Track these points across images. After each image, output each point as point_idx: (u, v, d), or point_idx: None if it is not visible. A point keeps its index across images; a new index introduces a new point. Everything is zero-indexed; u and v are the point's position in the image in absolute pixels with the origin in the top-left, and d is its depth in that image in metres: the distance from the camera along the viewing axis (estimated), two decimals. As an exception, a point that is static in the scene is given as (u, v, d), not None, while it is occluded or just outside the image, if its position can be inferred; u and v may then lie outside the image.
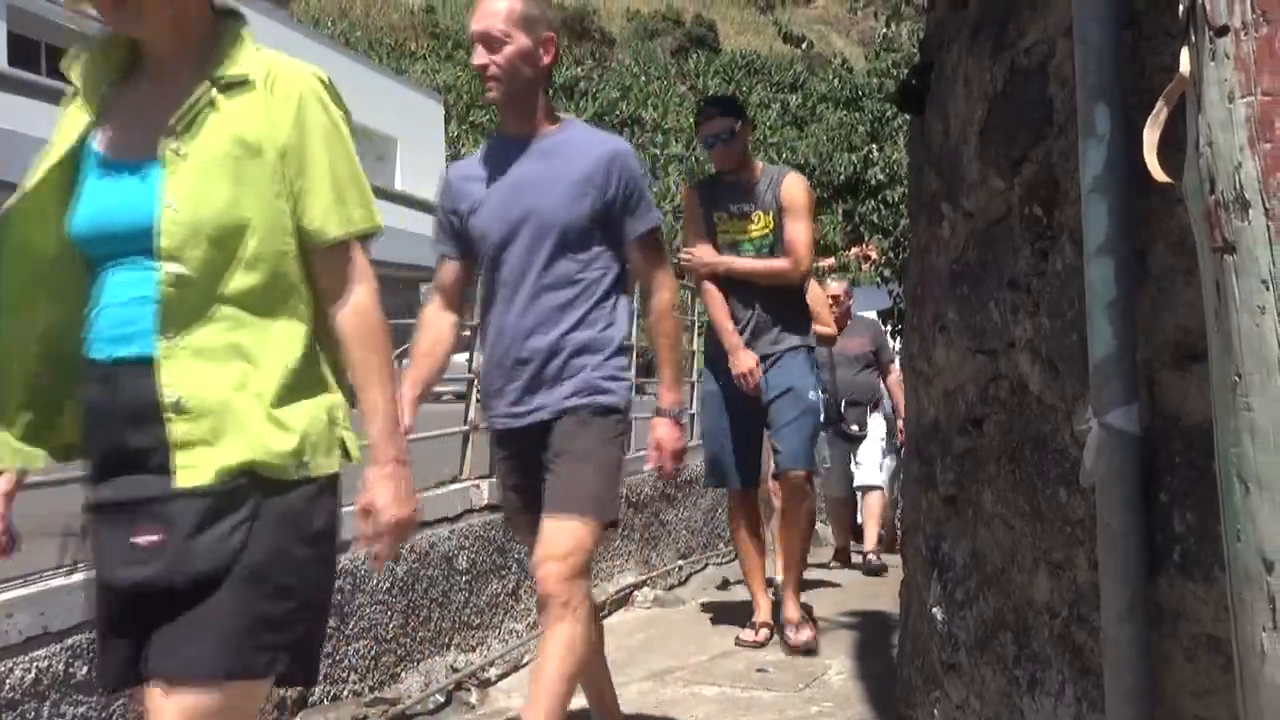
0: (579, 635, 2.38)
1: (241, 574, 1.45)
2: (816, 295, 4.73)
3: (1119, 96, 1.37)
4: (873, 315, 7.60)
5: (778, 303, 4.05)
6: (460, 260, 2.65)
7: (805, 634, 4.00)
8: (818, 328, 4.44)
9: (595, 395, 2.47)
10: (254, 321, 1.51)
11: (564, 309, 2.50)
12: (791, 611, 4.07)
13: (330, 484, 1.56)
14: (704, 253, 4.09)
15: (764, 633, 4.13)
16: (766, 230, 4.05)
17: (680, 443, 2.63)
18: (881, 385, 6.36)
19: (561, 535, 2.38)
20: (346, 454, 1.60)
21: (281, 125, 1.52)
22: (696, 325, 6.22)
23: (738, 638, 4.14)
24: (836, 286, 6.29)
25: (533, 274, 2.50)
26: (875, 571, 5.74)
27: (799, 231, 4.03)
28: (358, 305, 1.58)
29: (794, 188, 4.07)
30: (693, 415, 5.49)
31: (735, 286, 4.05)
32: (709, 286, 4.08)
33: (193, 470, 1.45)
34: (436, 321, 2.66)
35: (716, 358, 4.08)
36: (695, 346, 6.08)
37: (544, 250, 2.49)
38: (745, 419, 4.06)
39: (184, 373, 1.47)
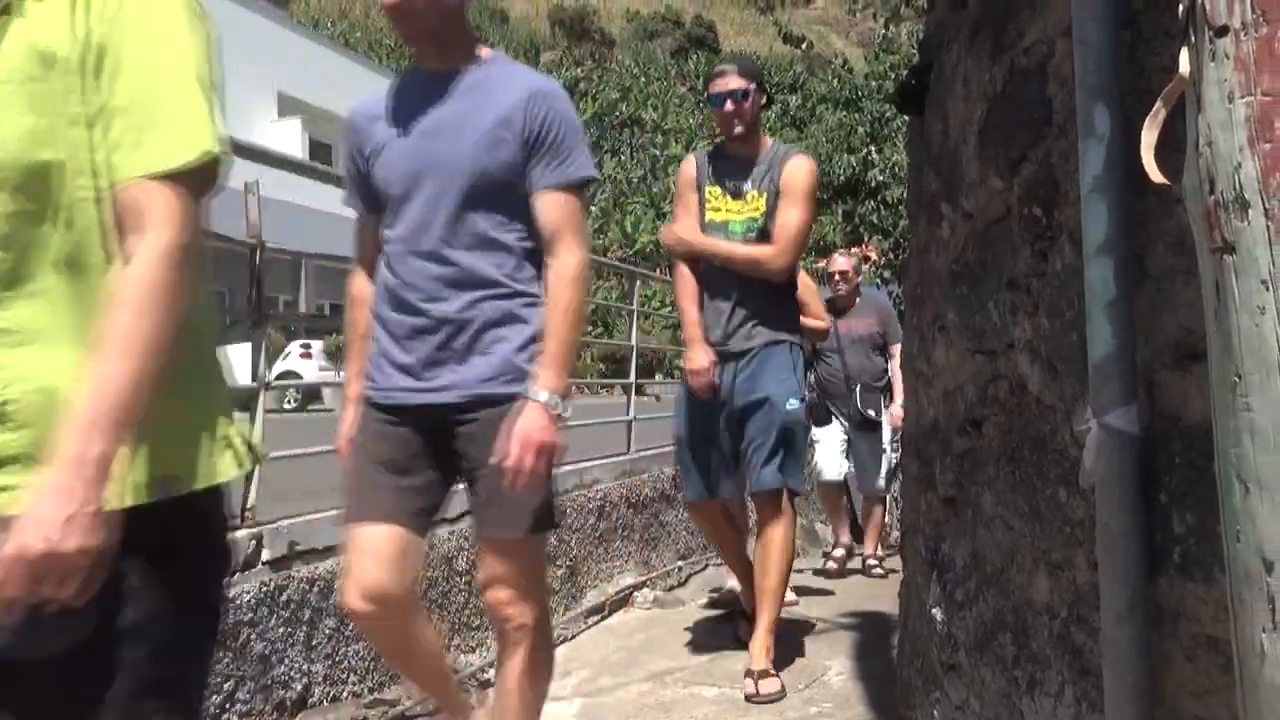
0: (541, 659, 2.22)
1: (113, 641, 1.17)
2: (806, 285, 4.29)
3: (1118, 97, 1.37)
4: (882, 294, 7.20)
5: (761, 293, 3.58)
6: (376, 214, 2.28)
7: (768, 685, 3.40)
8: (808, 321, 4.10)
9: (522, 383, 2.12)
10: (86, 295, 1.18)
11: (471, 271, 2.15)
12: (758, 659, 3.48)
13: (209, 500, 1.26)
14: (685, 230, 3.62)
15: None
16: (757, 213, 3.57)
17: (548, 435, 2.06)
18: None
19: (506, 556, 2.17)
20: (242, 457, 1.30)
21: (88, 27, 1.18)
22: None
23: (738, 638, 4.10)
24: (844, 261, 5.92)
25: (436, 231, 2.15)
26: (876, 576, 5.74)
27: (790, 217, 3.53)
28: (141, 255, 1.15)
29: (796, 170, 3.58)
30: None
31: (716, 271, 3.60)
32: (683, 269, 3.63)
33: (16, 494, 1.13)
34: (367, 295, 2.31)
35: None
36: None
37: (450, 204, 2.14)
38: (710, 426, 3.65)
39: (2, 367, 1.16)
